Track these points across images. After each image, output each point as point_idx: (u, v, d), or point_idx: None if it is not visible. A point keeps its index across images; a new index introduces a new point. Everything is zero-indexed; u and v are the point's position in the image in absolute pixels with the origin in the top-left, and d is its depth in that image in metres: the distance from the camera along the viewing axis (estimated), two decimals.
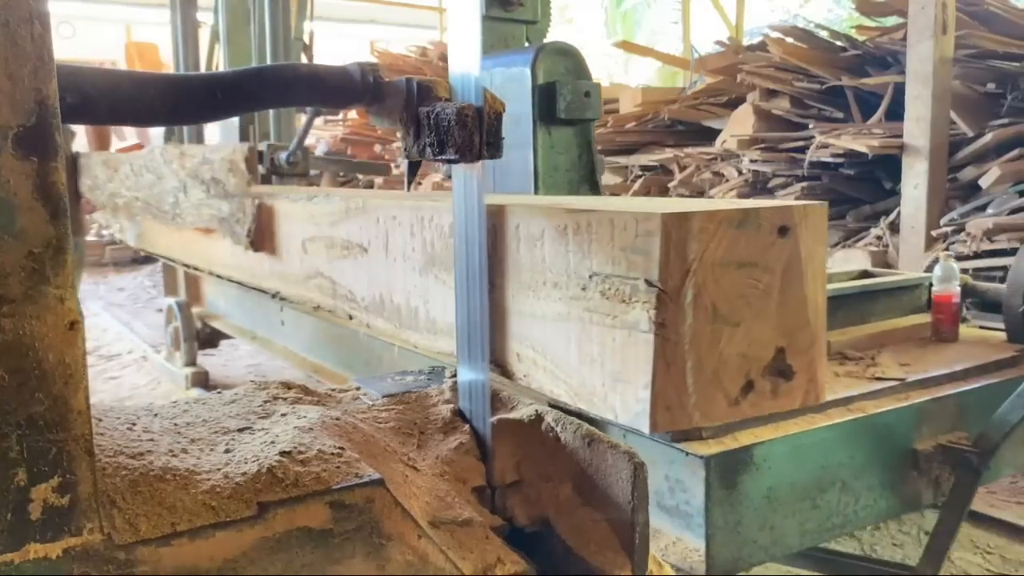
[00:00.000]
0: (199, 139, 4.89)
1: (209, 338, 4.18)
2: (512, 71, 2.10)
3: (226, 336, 4.01)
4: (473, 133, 0.99)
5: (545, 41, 2.33)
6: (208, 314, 4.15)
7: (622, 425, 0.99)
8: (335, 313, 1.62)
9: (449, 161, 1.04)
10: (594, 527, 0.96)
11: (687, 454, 1.09)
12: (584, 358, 0.97)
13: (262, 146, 3.77)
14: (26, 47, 0.61)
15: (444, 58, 6.94)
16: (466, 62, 1.04)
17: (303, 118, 3.75)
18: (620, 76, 15.59)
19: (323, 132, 9.94)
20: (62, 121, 0.65)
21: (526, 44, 2.45)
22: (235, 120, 3.87)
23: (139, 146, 11.44)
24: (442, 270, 1.25)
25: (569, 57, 2.11)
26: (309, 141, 5.35)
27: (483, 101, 1.01)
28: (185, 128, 4.63)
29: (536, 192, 2.09)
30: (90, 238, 9.60)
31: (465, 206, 1.08)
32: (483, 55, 2.23)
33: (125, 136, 12.06)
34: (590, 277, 0.95)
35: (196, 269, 2.82)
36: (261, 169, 3.71)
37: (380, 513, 0.79)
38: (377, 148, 7.91)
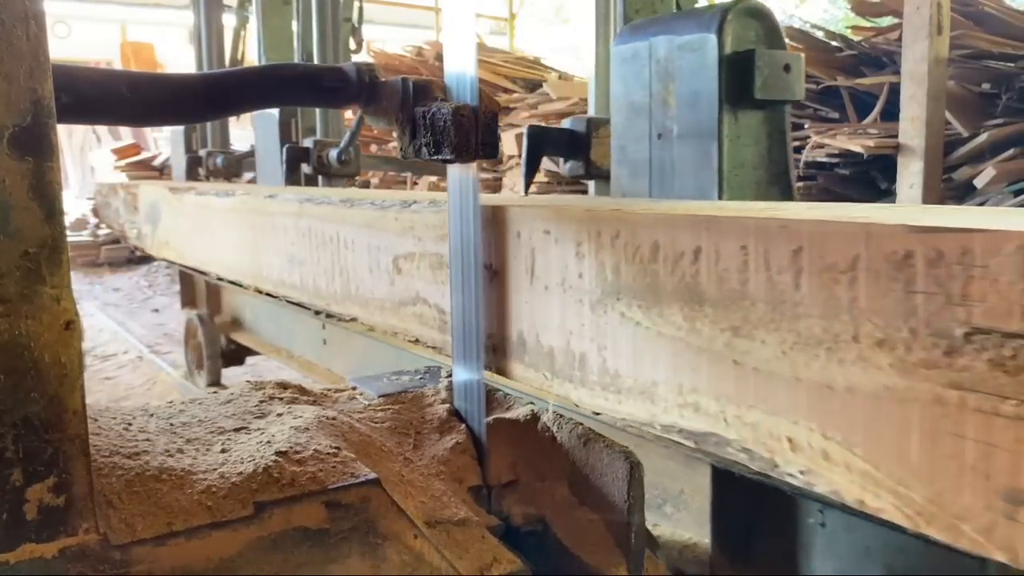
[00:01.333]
0: (224, 138, 4.53)
1: (235, 354, 3.70)
2: (686, 39, 1.65)
3: (253, 352, 3.53)
4: (469, 133, 1.00)
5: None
6: (233, 328, 3.65)
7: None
8: (442, 350, 1.27)
9: (445, 161, 1.04)
10: (590, 526, 0.96)
11: None
12: (942, 461, 0.66)
13: (308, 143, 3.35)
14: (22, 47, 0.61)
15: (440, 58, 6.92)
16: (462, 61, 1.04)
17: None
18: None
19: None
20: (57, 121, 0.65)
21: (675, 8, 2.03)
22: (274, 113, 3.60)
23: (136, 147, 11.42)
24: (634, 306, 0.92)
25: (763, 20, 1.66)
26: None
27: (479, 101, 1.01)
28: (208, 125, 4.35)
29: (720, 197, 1.62)
30: (85, 238, 9.58)
31: (460, 206, 1.08)
32: (630, 23, 1.91)
33: (120, 136, 12.05)
34: (966, 336, 0.63)
35: (238, 285, 2.40)
36: (306, 168, 3.35)
37: (376, 513, 0.80)
38: (373, 148, 7.90)
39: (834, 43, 5.57)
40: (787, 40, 5.75)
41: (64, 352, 0.65)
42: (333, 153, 3.25)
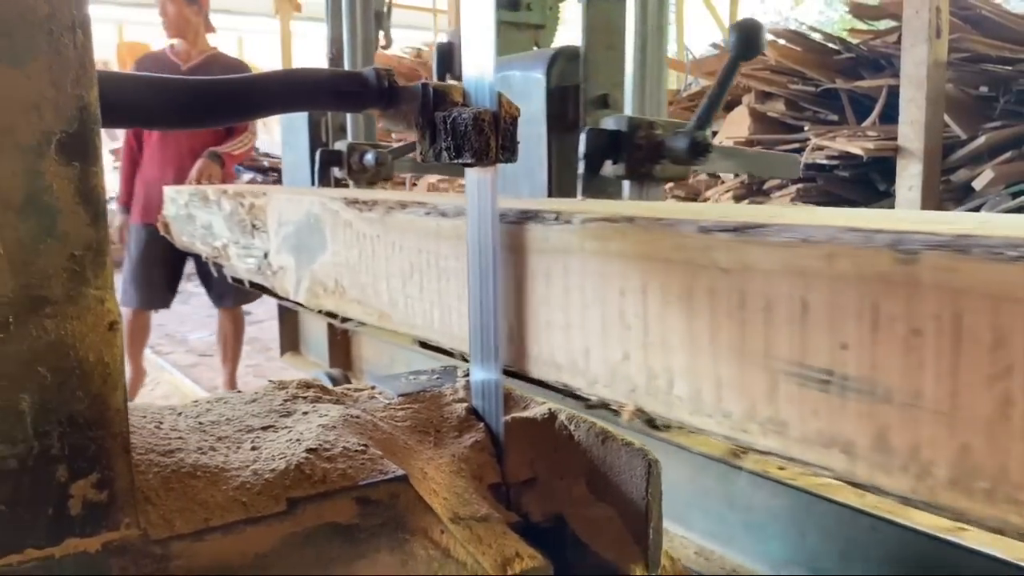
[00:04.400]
0: (369, 129, 3.42)
1: None
2: None
3: None
4: (490, 138, 1.02)
5: None
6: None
7: None
8: None
9: (466, 165, 1.06)
10: (608, 523, 0.98)
11: None
12: None
13: (612, 124, 1.87)
14: (69, 55, 0.63)
15: None
16: (480, 66, 1.06)
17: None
18: None
19: None
20: None
21: None
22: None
23: None
24: None
25: None
26: None
27: (498, 106, 1.03)
28: (349, 118, 3.36)
29: None
30: None
31: (479, 210, 1.10)
32: None
33: (117, 137, 12.02)
34: None
35: (602, 406, 1.14)
36: (615, 169, 1.86)
37: (405, 508, 0.81)
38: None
39: (832, 46, 5.60)
40: (785, 42, 5.76)
41: (107, 352, 0.66)
42: (681, 140, 1.80)
